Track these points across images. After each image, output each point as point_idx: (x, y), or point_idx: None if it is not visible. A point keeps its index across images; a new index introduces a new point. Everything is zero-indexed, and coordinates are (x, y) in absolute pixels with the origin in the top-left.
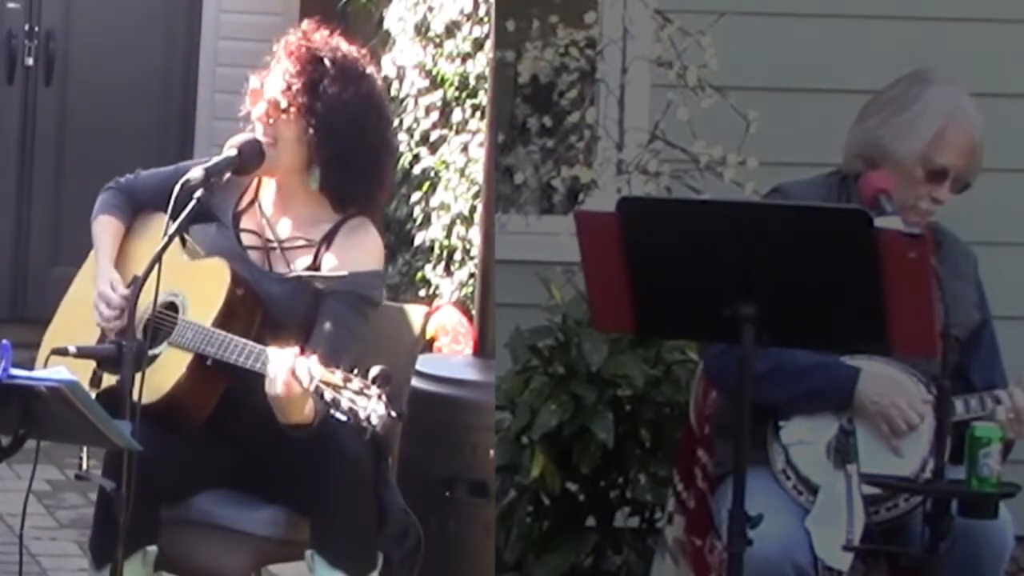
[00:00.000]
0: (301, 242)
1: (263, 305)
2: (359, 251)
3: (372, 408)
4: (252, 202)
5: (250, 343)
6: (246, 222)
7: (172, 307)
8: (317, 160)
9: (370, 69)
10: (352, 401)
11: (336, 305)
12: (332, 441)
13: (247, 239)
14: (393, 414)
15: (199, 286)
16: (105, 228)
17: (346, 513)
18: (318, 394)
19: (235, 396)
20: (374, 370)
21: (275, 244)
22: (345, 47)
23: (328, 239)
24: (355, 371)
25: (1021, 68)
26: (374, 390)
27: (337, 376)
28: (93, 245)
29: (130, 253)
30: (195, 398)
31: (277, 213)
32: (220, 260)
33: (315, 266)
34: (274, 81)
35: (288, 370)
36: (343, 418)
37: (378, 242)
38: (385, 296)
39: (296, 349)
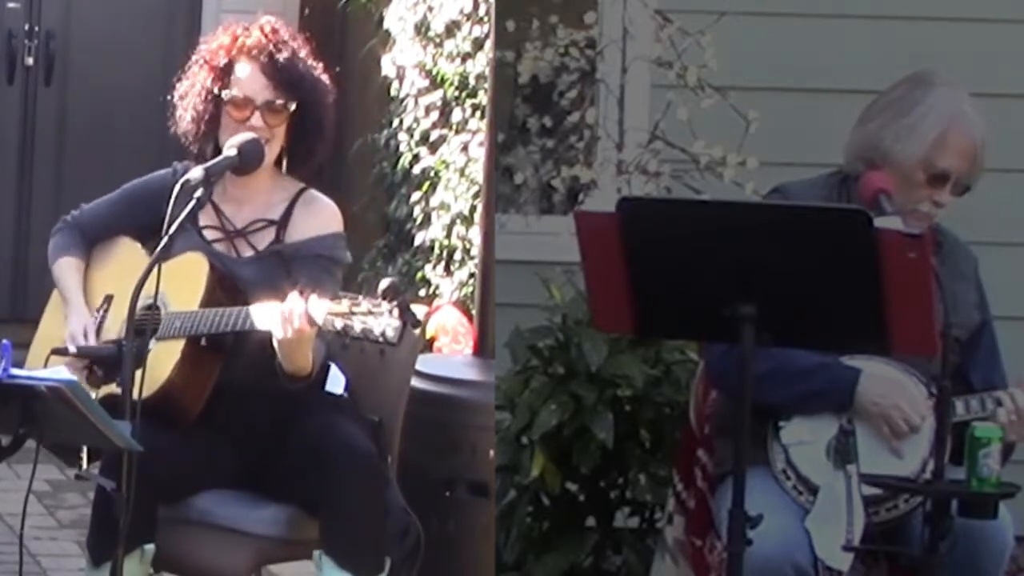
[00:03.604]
0: (262, 224)
1: (241, 289)
2: (319, 218)
3: (386, 324)
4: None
5: (242, 308)
6: (204, 219)
7: (153, 309)
8: (287, 148)
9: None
10: (364, 323)
11: (305, 268)
12: (337, 436)
13: (209, 234)
14: (408, 323)
15: (177, 282)
16: (66, 270)
17: (354, 511)
18: (328, 326)
19: (234, 392)
20: (382, 284)
21: (236, 232)
22: (294, 34)
23: (286, 216)
24: (361, 295)
25: (1021, 68)
26: (384, 305)
27: (344, 304)
28: (57, 287)
29: (99, 278)
30: (190, 387)
31: (232, 204)
32: (194, 253)
33: (278, 241)
34: (257, 84)
35: (299, 312)
36: (341, 389)
37: (333, 207)
38: None
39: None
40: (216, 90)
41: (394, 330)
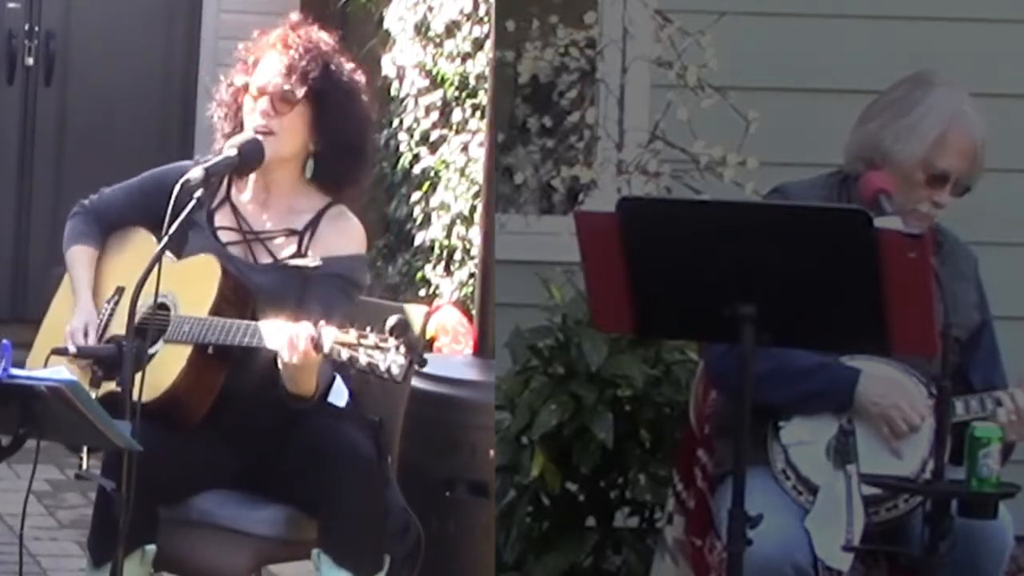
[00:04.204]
0: (283, 232)
1: (252, 296)
2: (342, 237)
3: (391, 360)
4: (224, 201)
5: (252, 323)
6: (220, 219)
7: (162, 308)
8: (314, 148)
9: (349, 61)
10: (370, 356)
11: (322, 287)
12: (338, 437)
13: (225, 236)
14: (413, 362)
15: (188, 284)
16: (79, 259)
17: (353, 511)
18: (335, 356)
19: (235, 394)
20: (390, 320)
21: (255, 236)
22: (330, 39)
23: (311, 228)
24: (369, 328)
25: (1021, 68)
26: (392, 341)
27: (351, 335)
28: (68, 275)
29: (109, 270)
30: (195, 392)
31: (256, 206)
32: (207, 256)
33: (300, 254)
34: (272, 72)
35: (304, 339)
36: (343, 403)
37: (360, 228)
38: (385, 296)
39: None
40: (238, 82)
41: (399, 367)
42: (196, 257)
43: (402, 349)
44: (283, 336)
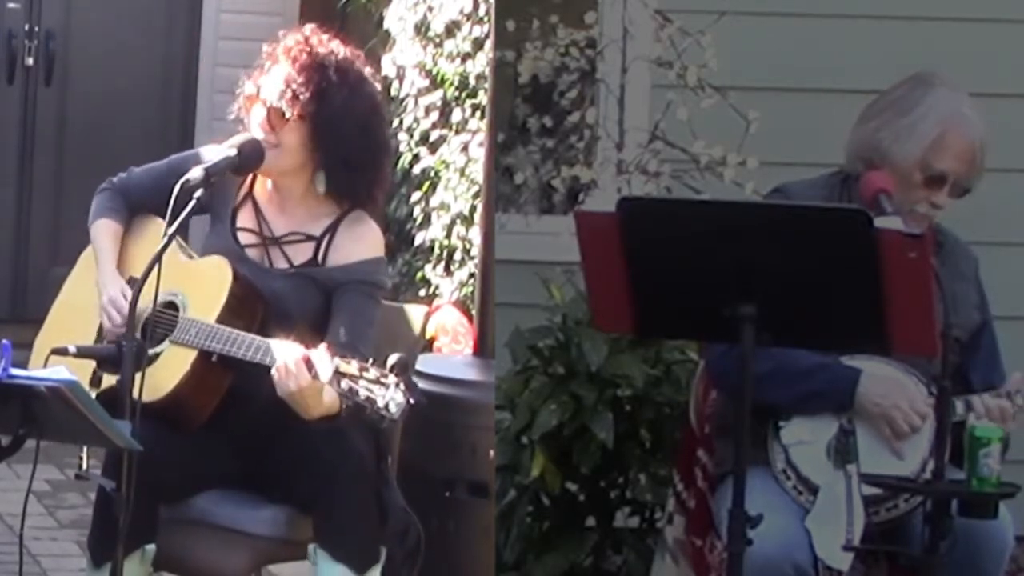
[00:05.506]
0: (300, 237)
1: (265, 301)
2: (362, 242)
3: (391, 396)
4: (247, 198)
5: (257, 338)
6: (242, 219)
7: (171, 306)
8: (321, 164)
9: (368, 71)
10: (369, 390)
11: (350, 296)
12: (334, 437)
13: (244, 237)
14: (412, 401)
15: (199, 285)
16: (104, 232)
17: (348, 507)
18: (333, 385)
19: (237, 395)
20: (392, 358)
21: (273, 240)
22: (344, 51)
23: (330, 234)
24: (371, 361)
25: (1021, 68)
26: (392, 378)
27: (353, 366)
28: (93, 248)
29: (128, 255)
30: (198, 396)
31: (274, 210)
32: (220, 258)
33: (316, 260)
34: (273, 85)
35: (297, 365)
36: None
37: (378, 232)
38: (386, 296)
39: (300, 346)
40: (249, 89)
41: (397, 406)
42: (210, 258)
43: (401, 387)
44: (281, 364)
